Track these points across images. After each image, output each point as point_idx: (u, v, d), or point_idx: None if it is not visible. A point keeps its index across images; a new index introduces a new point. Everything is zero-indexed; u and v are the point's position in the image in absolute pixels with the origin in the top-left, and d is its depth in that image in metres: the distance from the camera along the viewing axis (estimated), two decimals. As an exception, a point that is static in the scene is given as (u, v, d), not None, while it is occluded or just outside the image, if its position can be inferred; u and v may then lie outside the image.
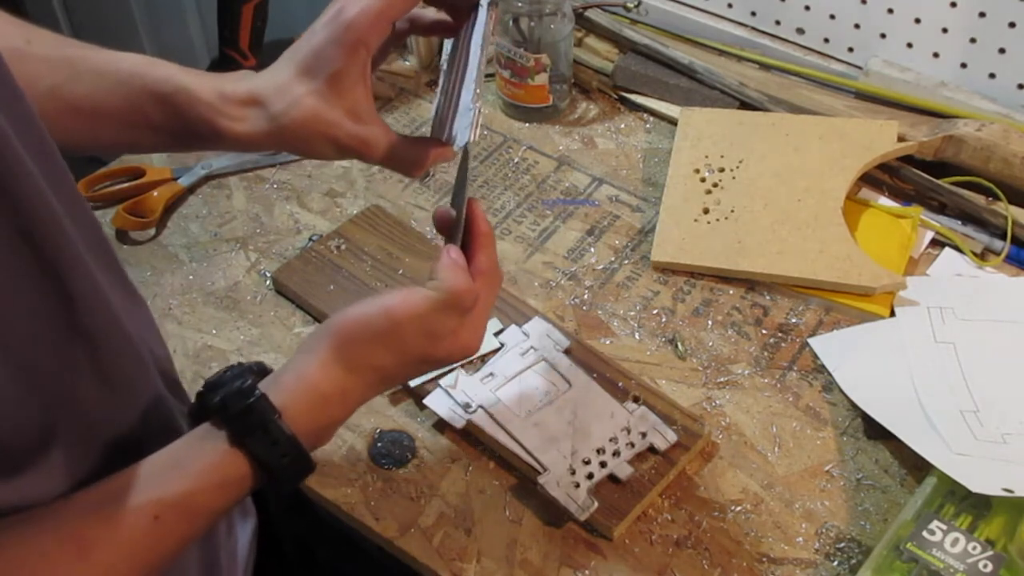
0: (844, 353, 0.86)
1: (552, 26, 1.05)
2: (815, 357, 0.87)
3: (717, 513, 0.77)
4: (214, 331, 0.90)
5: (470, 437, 0.81)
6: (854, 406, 0.82)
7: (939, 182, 0.98)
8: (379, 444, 0.81)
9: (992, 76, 1.02)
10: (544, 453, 0.77)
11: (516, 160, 1.07)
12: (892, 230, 0.96)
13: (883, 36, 1.06)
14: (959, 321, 0.87)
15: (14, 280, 0.47)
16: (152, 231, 1.00)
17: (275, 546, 0.82)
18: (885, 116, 1.03)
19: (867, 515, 0.76)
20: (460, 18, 0.67)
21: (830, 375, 0.85)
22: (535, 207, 1.01)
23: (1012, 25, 0.97)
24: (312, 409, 0.59)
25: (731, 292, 0.92)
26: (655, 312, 0.91)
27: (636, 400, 0.81)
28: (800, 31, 1.12)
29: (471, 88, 0.64)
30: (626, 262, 0.95)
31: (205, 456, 0.57)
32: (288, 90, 0.63)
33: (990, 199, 0.96)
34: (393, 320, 0.60)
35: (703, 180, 0.99)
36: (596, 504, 0.74)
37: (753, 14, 1.14)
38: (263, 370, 0.62)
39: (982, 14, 0.98)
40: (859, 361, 0.85)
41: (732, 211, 0.95)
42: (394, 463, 0.80)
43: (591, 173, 1.05)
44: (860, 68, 1.08)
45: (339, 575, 0.98)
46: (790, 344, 0.88)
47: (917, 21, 1.03)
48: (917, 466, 0.78)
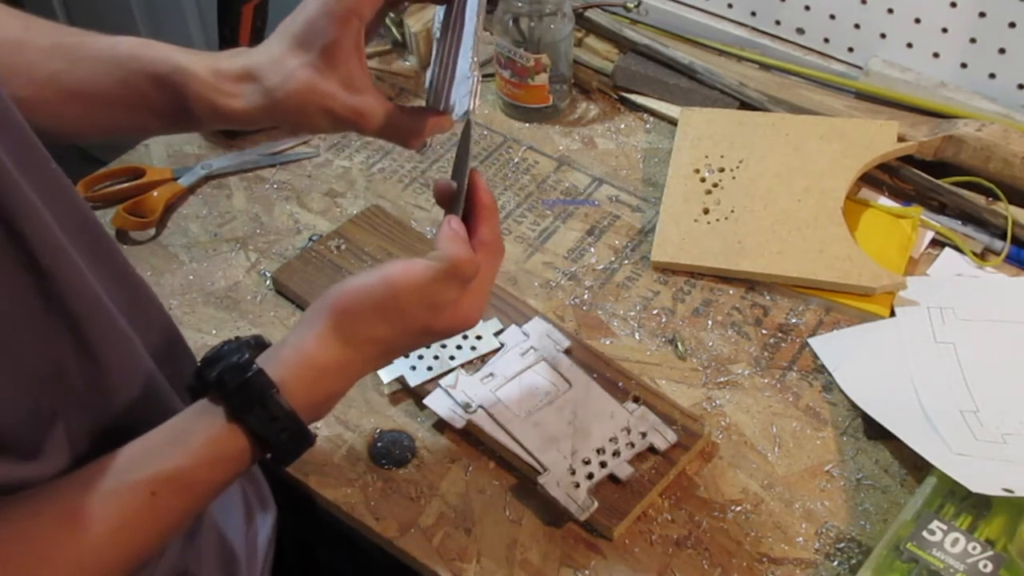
0: (844, 353, 0.86)
1: (552, 26, 1.05)
2: (815, 357, 0.87)
3: (717, 513, 0.77)
4: (214, 331, 0.90)
5: (470, 437, 0.81)
6: (854, 406, 0.82)
7: (939, 182, 0.98)
8: (379, 444, 0.81)
9: (992, 76, 1.02)
10: (544, 453, 0.77)
11: (516, 160, 1.07)
12: (892, 230, 0.96)
13: (883, 36, 1.06)
14: (959, 321, 0.87)
15: None
16: (152, 231, 1.00)
17: (275, 546, 0.82)
18: (885, 116, 1.03)
19: (867, 515, 0.76)
20: None
21: (830, 375, 0.85)
22: (535, 207, 1.01)
23: (1012, 25, 0.97)
24: (311, 383, 0.59)
25: (731, 292, 0.92)
26: (655, 312, 0.91)
27: (636, 400, 0.81)
28: (800, 31, 1.12)
29: (468, 56, 0.63)
30: (626, 262, 0.95)
31: (203, 431, 0.56)
32: (282, 64, 0.63)
33: (990, 199, 0.96)
34: (393, 290, 0.60)
35: (703, 180, 0.99)
36: (596, 504, 0.74)
37: (753, 14, 1.14)
38: (261, 344, 0.62)
39: (982, 14, 0.98)
40: (859, 361, 0.85)
41: (732, 211, 0.95)
42: (394, 463, 0.80)
43: (591, 173, 1.05)
44: (860, 68, 1.08)
45: (339, 575, 0.98)
46: (790, 344, 0.88)
47: (917, 21, 1.03)
48: (917, 466, 0.78)
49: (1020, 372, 0.83)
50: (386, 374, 0.83)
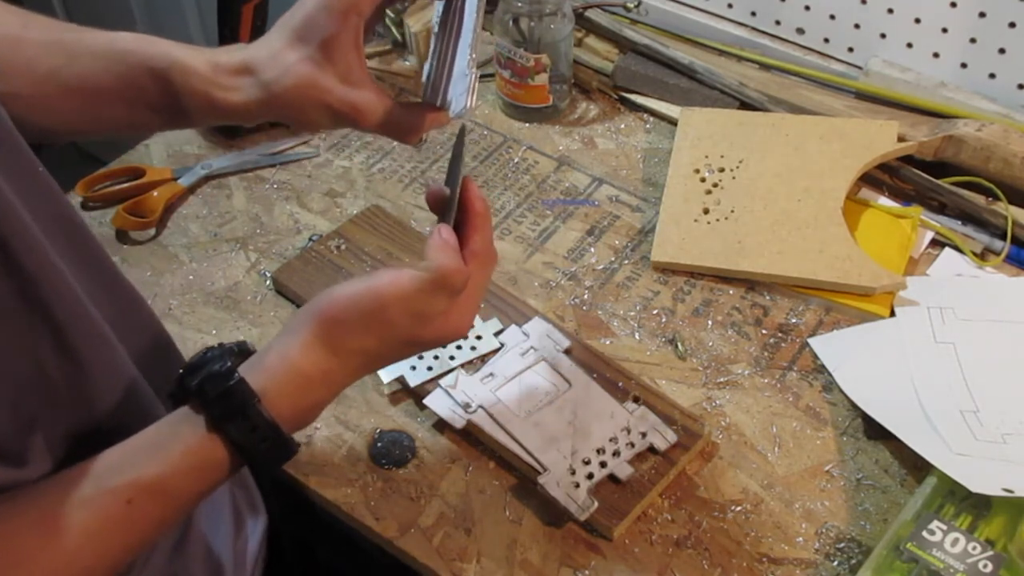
0: (844, 353, 0.86)
1: (552, 26, 1.05)
2: (815, 357, 0.87)
3: (717, 513, 0.77)
4: (214, 331, 0.90)
5: (470, 437, 0.81)
6: (854, 406, 0.82)
7: (939, 182, 0.98)
8: (379, 444, 0.81)
9: (992, 76, 1.02)
10: (544, 453, 0.77)
11: (516, 160, 1.07)
12: (892, 230, 0.96)
13: (883, 36, 1.06)
14: (959, 321, 0.87)
15: None
16: (152, 231, 1.00)
17: (275, 546, 0.82)
18: (885, 116, 1.03)
19: (867, 515, 0.76)
20: None
21: (830, 375, 0.85)
22: (535, 207, 1.01)
23: (1012, 25, 0.97)
24: (294, 392, 0.58)
25: (731, 292, 0.92)
26: (655, 312, 0.91)
27: (636, 400, 0.81)
28: (800, 31, 1.12)
29: (466, 53, 0.62)
30: (626, 262, 0.95)
31: (182, 440, 0.56)
32: (281, 57, 0.62)
33: (990, 199, 0.96)
34: (380, 301, 0.59)
35: (703, 180, 0.99)
36: (596, 504, 0.74)
37: (753, 14, 1.14)
38: (245, 350, 0.61)
39: (982, 14, 0.98)
40: (859, 361, 0.85)
41: (732, 211, 0.95)
42: (394, 463, 0.80)
43: (591, 173, 1.05)
44: (860, 68, 1.08)
45: (339, 575, 0.98)
46: (790, 344, 0.88)
47: (917, 21, 1.03)
48: (917, 466, 0.78)
49: (1020, 372, 0.83)
50: (386, 374, 0.83)
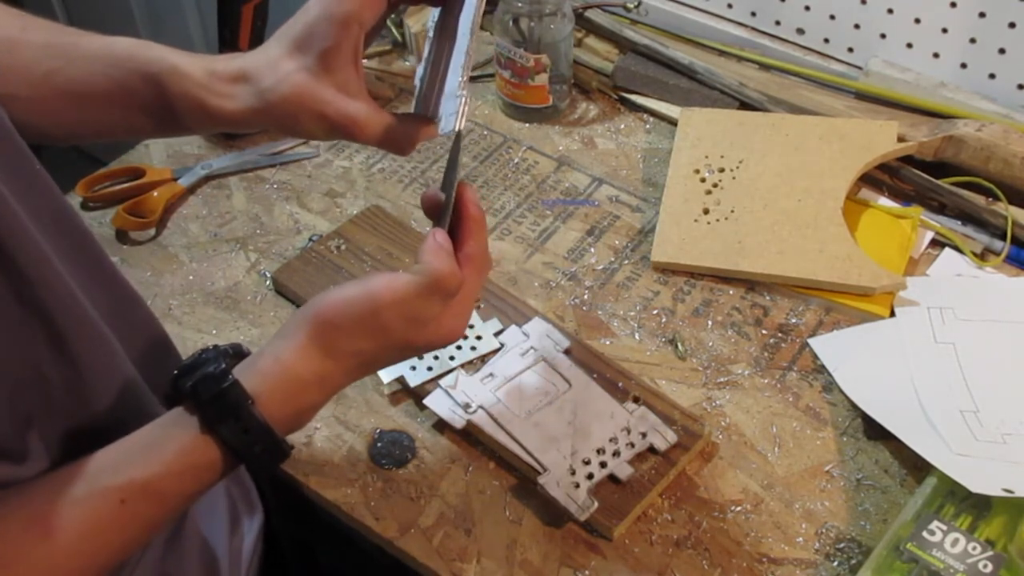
0: (844, 353, 0.86)
1: (552, 26, 1.05)
2: (815, 357, 0.87)
3: (717, 513, 0.77)
4: (214, 331, 0.90)
5: (470, 437, 0.81)
6: (854, 406, 0.82)
7: (939, 182, 0.98)
8: (379, 444, 0.81)
9: (992, 76, 1.02)
10: (544, 453, 0.77)
11: (516, 160, 1.07)
12: (892, 230, 0.96)
13: (883, 36, 1.06)
14: (959, 321, 0.87)
15: None
16: (152, 231, 1.00)
17: (275, 546, 0.82)
18: (885, 116, 1.03)
19: (867, 515, 0.76)
20: None
21: (830, 375, 0.85)
22: (535, 207, 1.01)
23: (1012, 25, 0.97)
24: (288, 395, 0.58)
25: (731, 292, 0.92)
26: (655, 312, 0.91)
27: (636, 400, 0.81)
28: (800, 31, 1.12)
29: (458, 72, 0.62)
30: (626, 262, 0.95)
31: (175, 441, 0.56)
32: (278, 66, 0.62)
33: (990, 199, 0.96)
34: (375, 304, 0.59)
35: (703, 180, 0.99)
36: (596, 504, 0.74)
37: (753, 14, 1.14)
38: (239, 352, 0.61)
39: (982, 14, 0.98)
40: (859, 361, 0.85)
41: (732, 211, 0.95)
42: (394, 463, 0.80)
43: (591, 173, 1.05)
44: (860, 68, 1.08)
45: (339, 575, 0.98)
46: (790, 344, 0.88)
47: (917, 21, 1.03)
48: (917, 466, 0.78)
49: (1020, 372, 0.83)
50: (386, 374, 0.83)
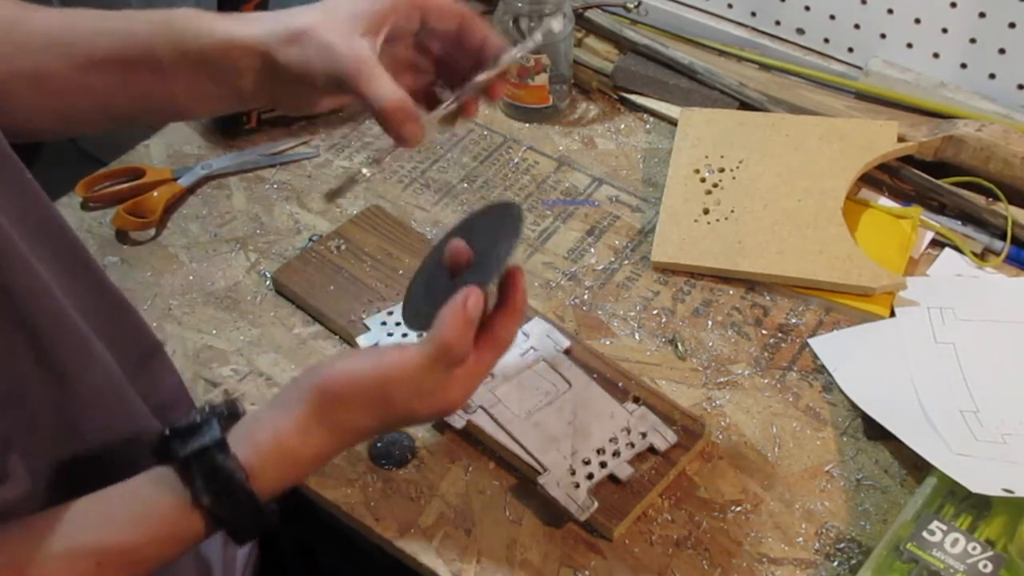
0: (844, 353, 0.86)
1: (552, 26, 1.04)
2: (815, 357, 0.87)
3: (717, 513, 0.77)
4: (214, 331, 0.90)
5: (470, 437, 0.81)
6: (854, 406, 0.82)
7: (939, 182, 0.98)
8: (379, 444, 0.81)
9: (992, 76, 1.02)
10: (544, 453, 0.77)
11: (516, 160, 1.07)
12: (892, 230, 0.96)
13: (883, 36, 1.06)
14: (959, 321, 0.87)
15: None
16: (152, 231, 1.00)
17: (275, 546, 0.82)
18: (885, 116, 1.03)
19: (867, 515, 0.76)
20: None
21: (830, 375, 0.85)
22: (535, 207, 1.01)
23: (1012, 25, 0.97)
24: (282, 471, 0.57)
25: (731, 292, 0.92)
26: (655, 312, 0.91)
27: (636, 400, 0.81)
28: (800, 31, 1.12)
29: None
30: (626, 262, 0.95)
31: (161, 509, 0.55)
32: (301, 11, 0.61)
33: (990, 199, 0.96)
34: (384, 382, 0.58)
35: (703, 180, 0.99)
36: (596, 504, 0.74)
37: (753, 14, 1.14)
38: (234, 412, 0.59)
39: (982, 14, 0.98)
40: (859, 361, 0.85)
41: (732, 211, 0.95)
42: (394, 463, 0.80)
43: (591, 173, 1.05)
44: (860, 68, 1.08)
45: (339, 575, 0.99)
46: (790, 344, 0.88)
47: (917, 21, 1.03)
48: (917, 466, 0.78)
49: (1020, 372, 0.83)
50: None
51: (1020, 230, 0.94)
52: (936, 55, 1.04)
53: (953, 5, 0.99)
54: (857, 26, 1.07)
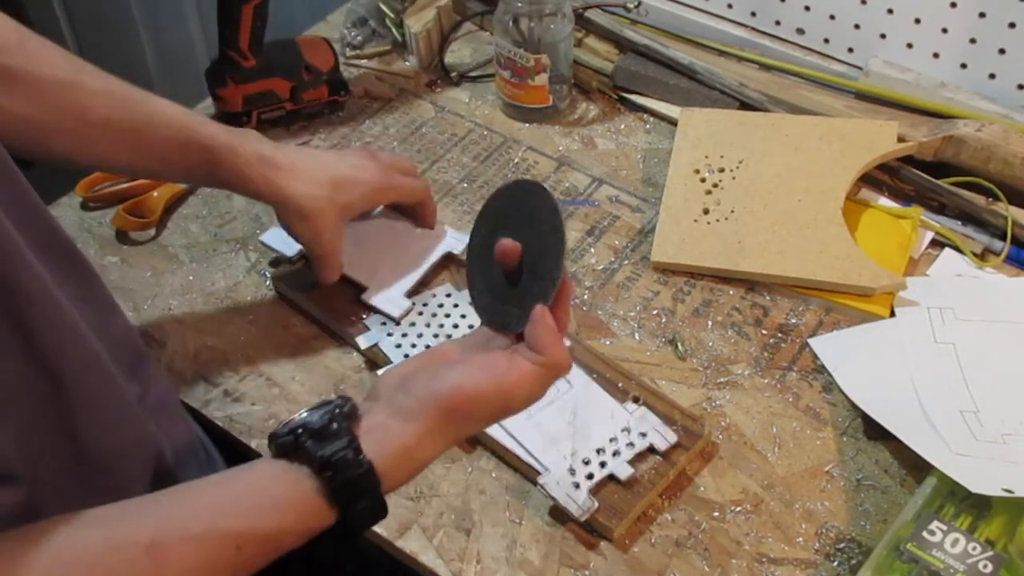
0: (844, 353, 0.86)
1: (552, 26, 1.05)
2: (815, 357, 0.87)
3: (717, 513, 0.77)
4: (214, 331, 0.90)
5: (470, 437, 0.81)
6: (854, 406, 0.82)
7: (939, 182, 0.98)
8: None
9: (992, 76, 1.02)
10: (544, 453, 0.77)
11: (516, 160, 1.07)
12: (892, 230, 0.96)
13: (883, 36, 1.06)
14: (959, 321, 0.87)
15: None
16: (152, 231, 1.00)
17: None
18: (885, 116, 1.03)
19: (867, 515, 0.76)
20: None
21: (830, 375, 0.85)
22: (535, 207, 1.01)
23: (1012, 25, 0.97)
24: (406, 475, 0.61)
25: (731, 292, 0.92)
26: (655, 312, 0.91)
27: (636, 400, 0.81)
28: (800, 31, 1.12)
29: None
30: (626, 262, 0.95)
31: (300, 505, 0.57)
32: (313, 178, 0.82)
33: (990, 199, 0.96)
34: (507, 397, 0.62)
35: (703, 180, 0.99)
36: (596, 504, 0.74)
37: (753, 14, 1.14)
38: (354, 413, 0.61)
39: (982, 14, 0.98)
40: (859, 361, 0.85)
41: (732, 211, 0.95)
42: (394, 463, 0.80)
43: (591, 173, 1.05)
44: (860, 68, 1.08)
45: (339, 575, 0.98)
46: (790, 344, 0.88)
47: (917, 21, 1.03)
48: (917, 466, 0.78)
49: (1020, 372, 0.83)
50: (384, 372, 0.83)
51: (1020, 230, 0.94)
52: (936, 55, 1.04)
53: (953, 5, 0.99)
54: (857, 26, 1.07)
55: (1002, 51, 0.99)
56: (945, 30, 1.01)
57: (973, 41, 1.01)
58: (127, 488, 0.63)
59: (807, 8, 1.09)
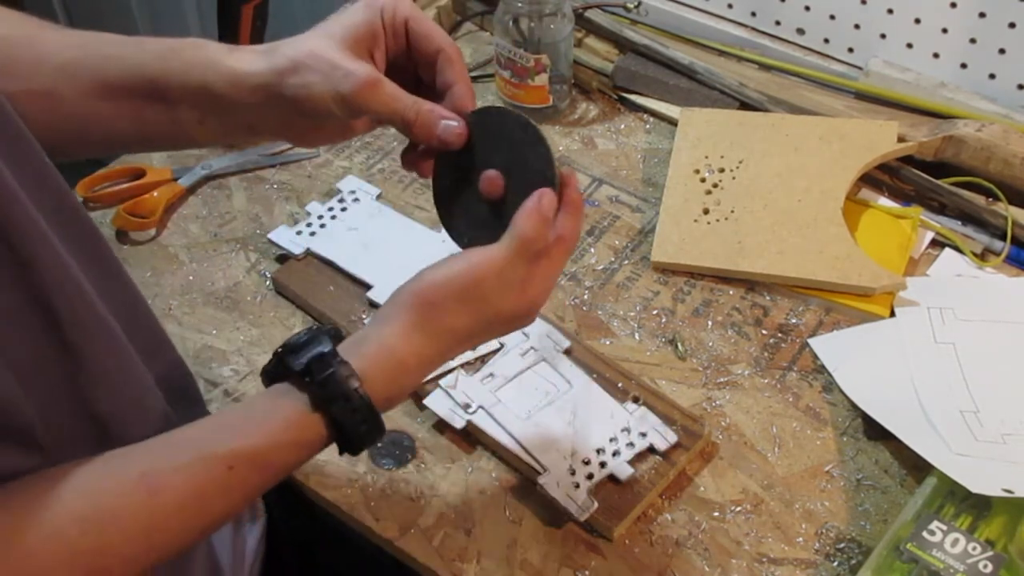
0: (844, 353, 0.86)
1: (552, 26, 1.05)
2: (815, 357, 0.87)
3: (717, 513, 0.77)
4: (214, 331, 0.90)
5: (470, 437, 0.81)
6: (854, 406, 0.82)
7: (939, 182, 0.98)
8: (379, 444, 0.80)
9: (992, 76, 1.02)
10: (544, 453, 0.77)
11: (516, 160, 1.06)
12: (892, 230, 0.96)
13: (883, 36, 1.06)
14: (959, 321, 0.87)
15: None
16: (152, 231, 1.00)
17: (275, 547, 0.82)
18: (885, 116, 1.03)
19: (867, 515, 0.76)
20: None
21: (830, 375, 0.85)
22: (535, 207, 1.01)
23: (1012, 25, 0.97)
24: (391, 377, 0.60)
25: (731, 292, 0.92)
26: (655, 312, 0.91)
27: (636, 400, 0.81)
28: (800, 31, 1.12)
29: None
30: (626, 262, 0.95)
31: (284, 415, 0.58)
32: (300, 39, 0.62)
33: (990, 199, 0.96)
34: (476, 277, 0.60)
35: (703, 180, 0.99)
36: (596, 504, 0.74)
37: (753, 14, 1.14)
38: (338, 334, 0.62)
39: (982, 14, 0.98)
40: (859, 361, 0.85)
41: (732, 211, 0.95)
42: (394, 463, 0.80)
43: (591, 173, 1.05)
44: (860, 68, 1.08)
45: (339, 575, 0.98)
46: (790, 344, 0.88)
47: (917, 21, 1.03)
48: (917, 466, 0.78)
49: (1020, 372, 0.83)
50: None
51: (1020, 230, 0.94)
52: (936, 55, 1.04)
53: (953, 5, 0.99)
54: (857, 26, 1.07)
55: (1002, 51, 0.99)
56: (945, 30, 1.01)
57: (973, 41, 1.01)
58: None
59: (807, 8, 1.09)
